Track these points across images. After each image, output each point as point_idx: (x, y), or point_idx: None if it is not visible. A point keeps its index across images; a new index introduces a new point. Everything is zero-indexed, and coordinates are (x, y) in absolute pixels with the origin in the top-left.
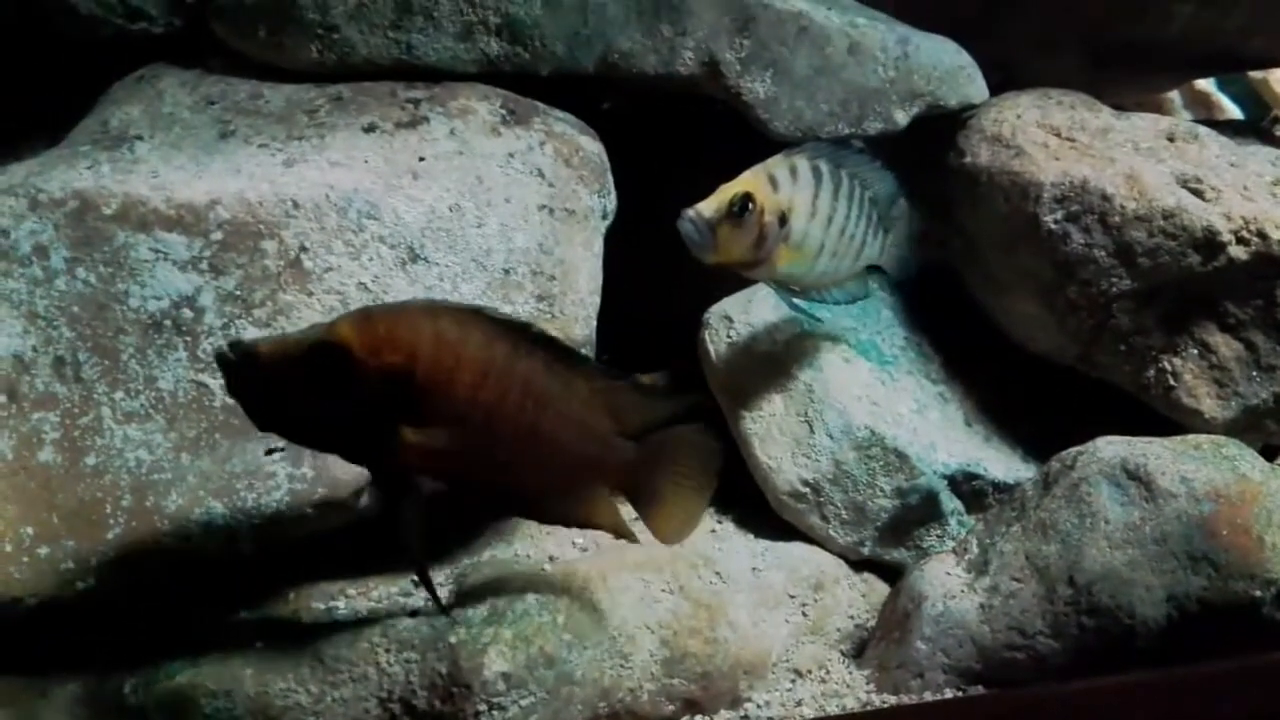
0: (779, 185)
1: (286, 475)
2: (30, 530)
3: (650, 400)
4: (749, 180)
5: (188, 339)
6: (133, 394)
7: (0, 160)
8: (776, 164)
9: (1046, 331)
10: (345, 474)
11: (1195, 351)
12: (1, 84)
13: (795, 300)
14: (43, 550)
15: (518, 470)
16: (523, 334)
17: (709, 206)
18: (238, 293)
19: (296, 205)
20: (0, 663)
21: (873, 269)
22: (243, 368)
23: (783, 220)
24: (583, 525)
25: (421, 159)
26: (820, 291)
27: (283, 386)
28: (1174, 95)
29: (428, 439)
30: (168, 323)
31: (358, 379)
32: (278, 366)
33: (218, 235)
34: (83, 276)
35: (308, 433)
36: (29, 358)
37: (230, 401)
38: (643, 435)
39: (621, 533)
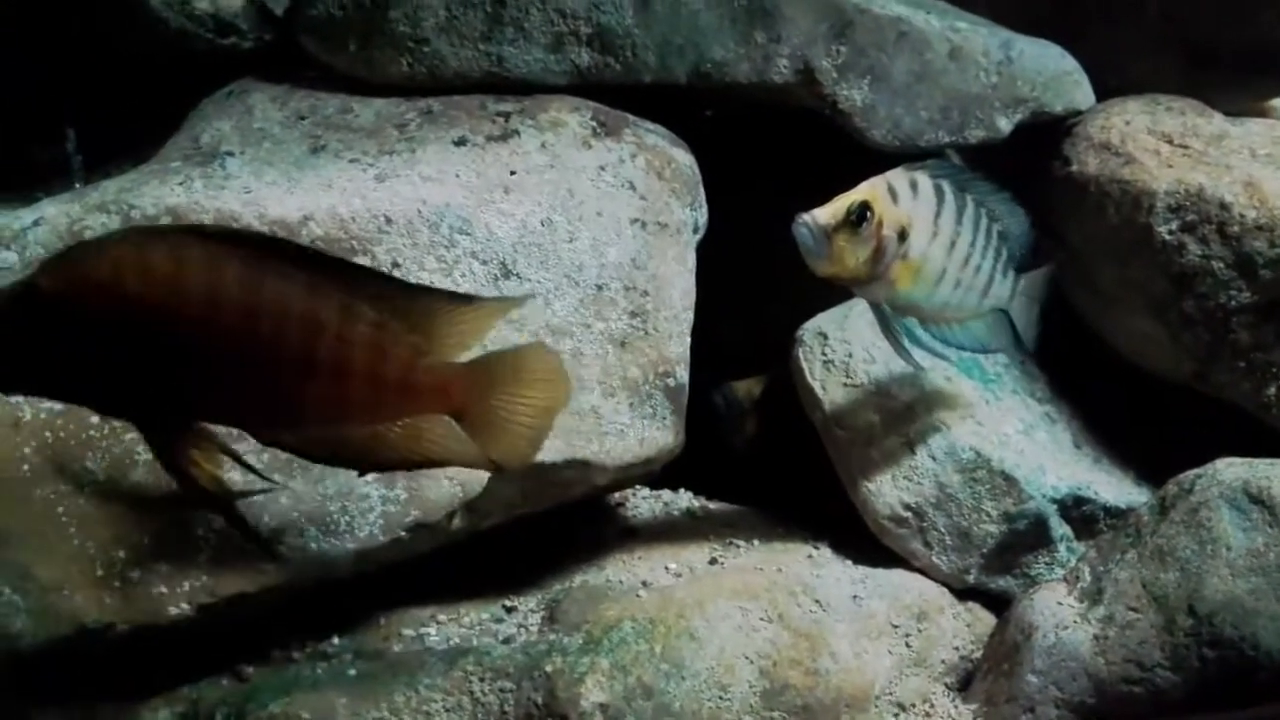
0: (899, 198)
1: (379, 498)
2: (122, 554)
3: (461, 310)
4: (868, 190)
5: None
6: None
7: (92, 176)
8: (897, 176)
9: (1159, 348)
10: (438, 496)
11: None
12: (92, 100)
13: (903, 337)
14: (135, 574)
15: (312, 409)
16: (269, 252)
17: (825, 213)
18: None
19: (389, 221)
20: (94, 689)
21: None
22: None
23: (902, 236)
24: (426, 464)
25: (513, 173)
26: (940, 327)
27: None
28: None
29: (169, 384)
30: None
31: (68, 328)
32: None
33: None
34: None
35: (49, 389)
36: None
37: None
38: (469, 351)
39: (477, 464)
